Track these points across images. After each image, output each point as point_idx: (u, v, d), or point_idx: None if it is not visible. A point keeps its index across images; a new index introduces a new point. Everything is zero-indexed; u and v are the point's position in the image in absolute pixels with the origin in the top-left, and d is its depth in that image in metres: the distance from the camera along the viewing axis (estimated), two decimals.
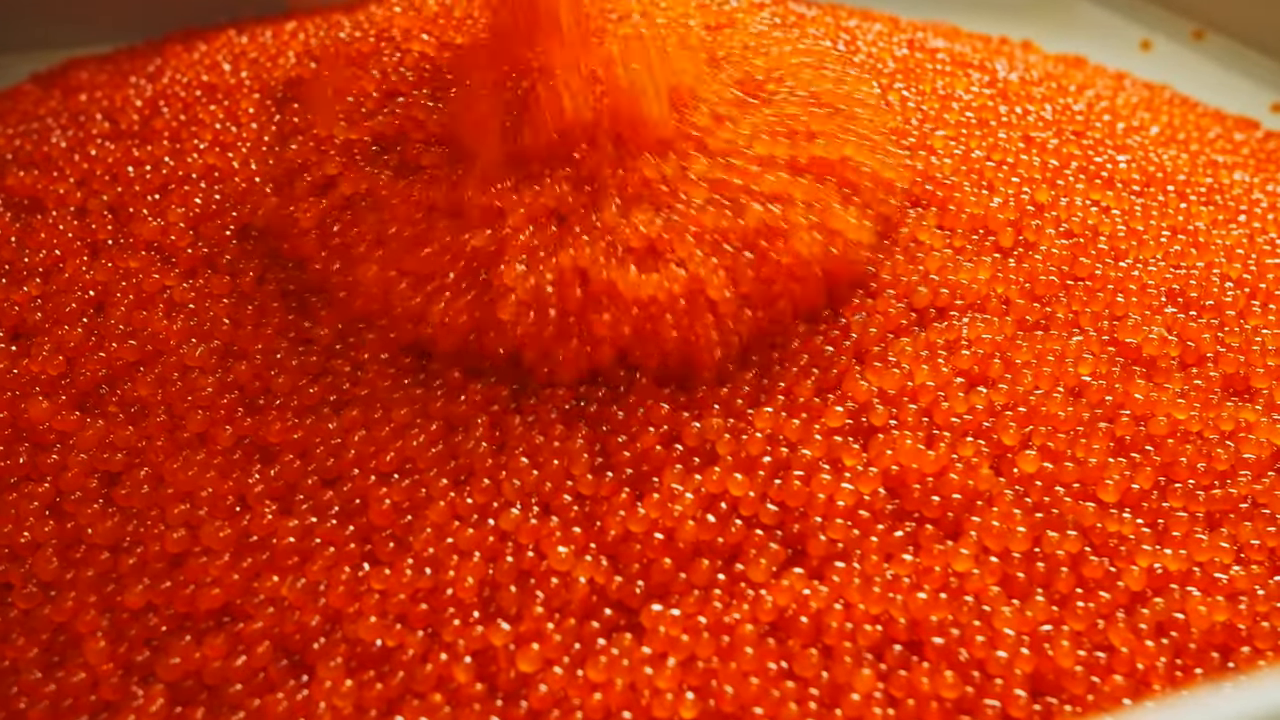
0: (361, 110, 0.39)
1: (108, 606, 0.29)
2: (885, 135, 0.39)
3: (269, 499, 0.31)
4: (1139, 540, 0.31)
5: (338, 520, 0.31)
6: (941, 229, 0.38)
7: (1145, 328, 0.36)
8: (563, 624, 0.29)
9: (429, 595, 0.29)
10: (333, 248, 0.36)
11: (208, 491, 0.31)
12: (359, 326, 0.35)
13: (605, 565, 0.30)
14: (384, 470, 0.32)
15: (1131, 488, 0.32)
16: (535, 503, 0.31)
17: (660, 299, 0.33)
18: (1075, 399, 0.34)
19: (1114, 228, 0.40)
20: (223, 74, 0.45)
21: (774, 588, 0.30)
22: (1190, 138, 0.49)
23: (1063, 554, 0.30)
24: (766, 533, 0.31)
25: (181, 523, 0.30)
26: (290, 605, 0.29)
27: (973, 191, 0.39)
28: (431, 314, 0.34)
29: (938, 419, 0.33)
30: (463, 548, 0.30)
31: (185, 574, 0.29)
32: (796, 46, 0.42)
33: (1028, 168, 0.41)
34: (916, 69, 0.46)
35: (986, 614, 0.29)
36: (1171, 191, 0.43)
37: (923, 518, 0.31)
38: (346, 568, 0.30)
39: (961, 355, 0.35)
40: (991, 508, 0.31)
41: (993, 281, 0.37)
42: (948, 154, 0.41)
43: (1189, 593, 0.30)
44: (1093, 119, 0.46)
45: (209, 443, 0.32)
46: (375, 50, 0.41)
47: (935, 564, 0.30)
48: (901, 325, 0.36)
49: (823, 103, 0.39)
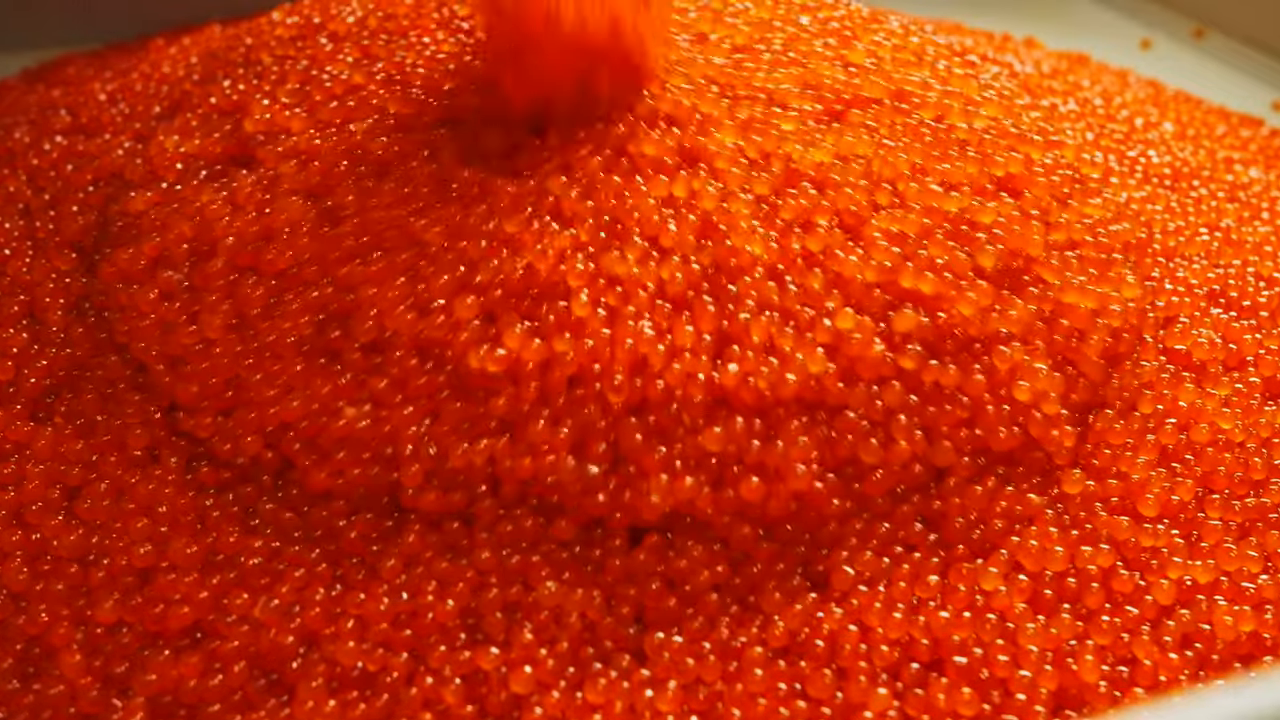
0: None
1: (80, 620, 0.28)
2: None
3: (225, 523, 0.29)
4: (1171, 552, 0.30)
5: (301, 545, 0.29)
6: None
7: (1195, 331, 0.34)
8: (555, 649, 0.27)
9: (410, 620, 0.28)
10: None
11: (164, 508, 0.29)
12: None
13: (599, 600, 0.28)
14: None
15: (1171, 499, 0.31)
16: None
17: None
18: (1128, 411, 0.32)
19: (1164, 224, 0.38)
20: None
21: (787, 612, 0.28)
22: (1200, 134, 0.47)
23: (1094, 569, 0.29)
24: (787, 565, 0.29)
25: (146, 537, 0.29)
26: (265, 624, 0.27)
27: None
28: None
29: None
30: (441, 578, 0.28)
31: (155, 590, 0.28)
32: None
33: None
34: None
35: (1010, 631, 0.28)
36: (1198, 187, 0.41)
37: (956, 539, 0.30)
38: (320, 589, 0.28)
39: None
40: (1030, 526, 0.30)
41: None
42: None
43: (1215, 602, 0.29)
44: (1113, 113, 0.45)
45: (161, 461, 0.31)
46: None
47: (961, 583, 0.29)
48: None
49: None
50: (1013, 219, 0.33)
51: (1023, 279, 0.32)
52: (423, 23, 0.38)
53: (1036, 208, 0.34)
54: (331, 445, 0.30)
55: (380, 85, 0.36)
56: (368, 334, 0.30)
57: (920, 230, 0.32)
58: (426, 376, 0.30)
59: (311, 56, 0.38)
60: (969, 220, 0.33)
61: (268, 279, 0.31)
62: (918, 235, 0.32)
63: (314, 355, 0.30)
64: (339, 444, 0.29)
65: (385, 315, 0.30)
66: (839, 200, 0.32)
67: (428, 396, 0.30)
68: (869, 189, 0.32)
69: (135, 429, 0.31)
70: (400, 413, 0.29)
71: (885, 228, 0.32)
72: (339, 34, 0.39)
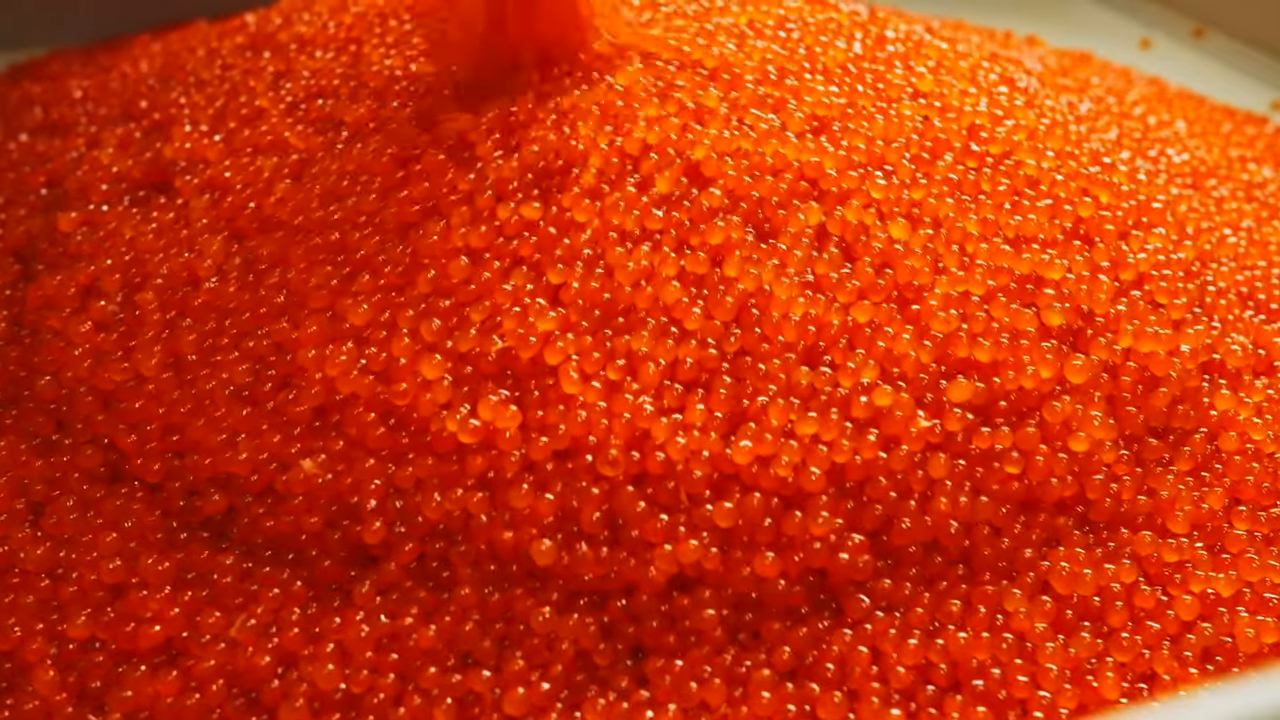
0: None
1: (53, 636, 0.27)
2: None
3: (195, 542, 0.28)
4: (1195, 565, 0.29)
5: (273, 566, 0.28)
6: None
7: (1229, 336, 0.33)
8: (549, 673, 0.26)
9: (393, 644, 0.26)
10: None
11: (131, 523, 0.28)
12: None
13: (594, 629, 0.27)
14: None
15: (1201, 508, 0.30)
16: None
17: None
18: (1164, 434, 0.31)
19: (1197, 226, 0.37)
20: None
21: (794, 635, 0.27)
22: (1207, 130, 0.46)
23: (1118, 587, 0.28)
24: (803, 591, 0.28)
25: (114, 552, 0.27)
26: (241, 644, 0.26)
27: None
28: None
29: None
30: (422, 605, 0.27)
31: (126, 606, 0.27)
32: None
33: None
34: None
35: (1029, 651, 0.27)
36: (1216, 187, 0.40)
37: (983, 567, 0.28)
38: (296, 609, 0.27)
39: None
40: (1058, 547, 0.29)
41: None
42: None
43: (1238, 615, 0.28)
44: (1127, 110, 0.44)
45: (124, 477, 0.29)
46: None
47: (983, 604, 0.27)
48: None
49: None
50: (1082, 277, 0.31)
51: (1087, 333, 0.30)
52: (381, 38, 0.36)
53: (1107, 258, 0.32)
54: (288, 494, 0.28)
55: (321, 108, 0.34)
56: (315, 398, 0.28)
57: (985, 293, 0.30)
58: (389, 434, 0.28)
59: (237, 81, 0.36)
60: (1036, 277, 0.31)
61: (201, 323, 0.30)
62: (981, 298, 0.30)
63: (260, 403, 0.28)
64: (296, 494, 0.28)
65: (336, 382, 0.28)
66: (900, 275, 0.30)
67: (392, 453, 0.28)
68: (935, 256, 0.30)
69: (86, 449, 0.29)
70: (361, 466, 0.28)
71: (946, 292, 0.30)
72: (286, 46, 0.37)
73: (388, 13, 0.37)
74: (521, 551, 0.27)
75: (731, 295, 0.29)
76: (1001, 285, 0.30)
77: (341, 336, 0.28)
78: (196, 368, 0.29)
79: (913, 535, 0.28)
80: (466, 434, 0.27)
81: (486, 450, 0.27)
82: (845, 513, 0.27)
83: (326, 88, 0.35)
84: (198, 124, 0.34)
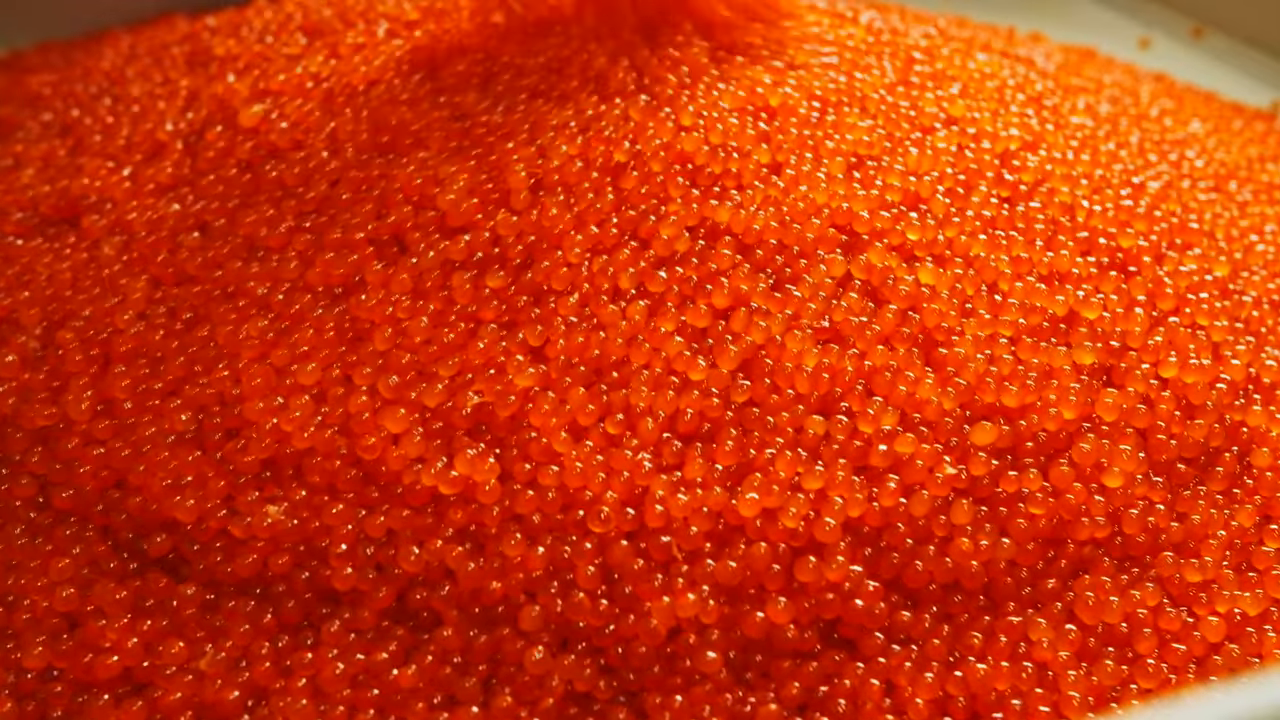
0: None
1: (9, 665, 0.25)
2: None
3: (151, 569, 0.26)
4: (1221, 585, 0.27)
5: (237, 600, 0.26)
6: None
7: (1263, 350, 0.31)
8: (539, 707, 0.24)
9: (371, 679, 0.25)
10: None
11: (79, 549, 0.26)
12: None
13: (590, 672, 0.25)
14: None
15: (1231, 525, 0.28)
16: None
17: None
18: (1196, 459, 0.29)
19: (1227, 233, 0.35)
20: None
21: (803, 671, 0.25)
22: (1220, 128, 0.45)
23: (1144, 613, 0.26)
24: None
25: (67, 579, 0.26)
26: (210, 677, 0.25)
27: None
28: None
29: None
30: (401, 642, 0.25)
31: (84, 635, 0.25)
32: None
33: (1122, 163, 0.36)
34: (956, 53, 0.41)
35: (1051, 680, 0.25)
36: (1237, 190, 0.38)
37: (1006, 598, 0.27)
38: (265, 642, 0.25)
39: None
40: (1084, 575, 0.27)
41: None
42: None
43: (1266, 634, 0.27)
44: (1144, 110, 0.42)
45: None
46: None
47: (1004, 634, 0.26)
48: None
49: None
50: (1117, 315, 0.29)
51: (1121, 367, 0.29)
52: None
53: (1144, 290, 0.30)
54: (250, 539, 0.26)
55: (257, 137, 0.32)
56: (266, 450, 0.26)
57: (1014, 334, 0.28)
58: (356, 483, 0.26)
59: (146, 105, 0.34)
60: (1071, 314, 0.29)
61: (132, 369, 0.27)
62: (1010, 339, 0.28)
63: (207, 450, 0.26)
64: (260, 539, 0.26)
65: (291, 437, 0.26)
66: (928, 319, 0.28)
67: (360, 501, 0.26)
68: (964, 298, 0.29)
69: (22, 479, 0.27)
70: (329, 513, 0.26)
71: (974, 334, 0.28)
72: (209, 62, 0.35)
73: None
74: (511, 605, 0.25)
75: (738, 346, 0.27)
76: (1033, 325, 0.29)
77: (293, 390, 0.27)
78: (134, 414, 0.27)
79: (933, 578, 0.26)
80: (446, 485, 0.26)
81: (466, 504, 0.26)
82: (862, 559, 0.26)
83: (228, 115, 0.33)
84: (108, 154, 0.32)
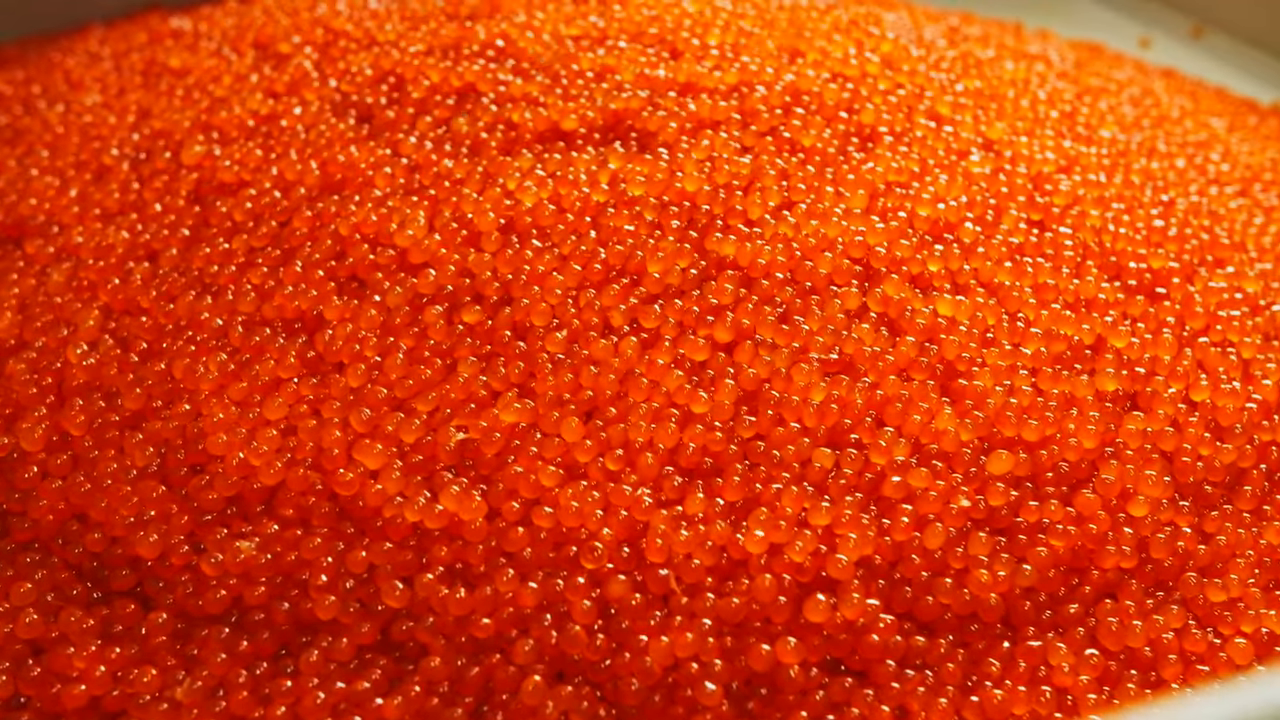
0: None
1: None
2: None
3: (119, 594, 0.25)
4: (1248, 605, 0.26)
5: (210, 628, 0.25)
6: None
7: None
8: None
9: (353, 708, 0.23)
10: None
11: (42, 573, 0.25)
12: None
13: (587, 705, 0.24)
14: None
15: (1260, 543, 0.27)
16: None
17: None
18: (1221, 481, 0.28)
19: (1257, 242, 0.34)
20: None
21: (810, 700, 0.24)
22: (1236, 125, 0.44)
23: (1170, 637, 0.25)
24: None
25: (28, 604, 0.24)
26: (187, 706, 0.23)
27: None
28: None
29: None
30: (385, 670, 0.24)
31: (50, 662, 0.24)
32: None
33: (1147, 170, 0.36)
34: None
35: (1070, 704, 0.24)
36: (1262, 191, 0.37)
37: (1026, 622, 0.26)
38: (243, 671, 0.24)
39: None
40: (1107, 600, 0.26)
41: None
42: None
43: None
44: (1165, 112, 0.41)
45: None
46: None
47: (1023, 659, 0.25)
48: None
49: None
50: (1145, 341, 0.29)
51: (1147, 391, 0.28)
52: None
53: (1173, 313, 0.29)
54: (222, 576, 0.25)
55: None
56: (233, 486, 0.25)
57: (1035, 364, 0.28)
58: (333, 517, 0.25)
59: (97, 115, 0.33)
60: (1097, 341, 0.28)
61: (88, 403, 0.26)
62: (1031, 370, 0.27)
63: (171, 485, 0.25)
64: (233, 575, 0.25)
65: (259, 472, 0.25)
66: (946, 350, 0.27)
67: (338, 535, 0.25)
68: (984, 328, 0.28)
69: None
70: (307, 546, 0.25)
71: (994, 364, 0.27)
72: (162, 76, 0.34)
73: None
74: (503, 639, 0.24)
75: (739, 379, 0.26)
76: (1055, 353, 0.28)
77: (258, 424, 0.26)
78: (93, 448, 0.26)
79: (950, 609, 0.25)
80: (432, 520, 0.25)
81: (451, 540, 0.25)
82: (876, 592, 0.25)
83: (172, 146, 0.31)
84: (55, 169, 0.31)
